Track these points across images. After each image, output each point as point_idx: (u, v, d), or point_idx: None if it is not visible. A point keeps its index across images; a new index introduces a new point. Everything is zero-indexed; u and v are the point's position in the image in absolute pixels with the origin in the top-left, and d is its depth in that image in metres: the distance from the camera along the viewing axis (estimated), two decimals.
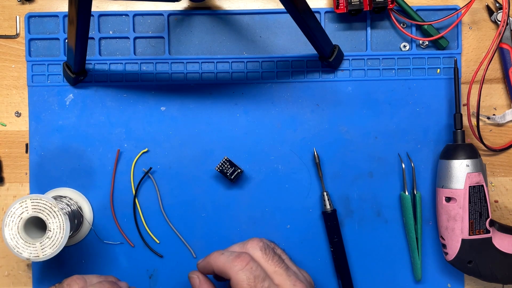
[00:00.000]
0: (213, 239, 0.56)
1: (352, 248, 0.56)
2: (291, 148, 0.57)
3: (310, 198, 0.56)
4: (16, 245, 0.48)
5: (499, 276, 0.52)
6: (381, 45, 0.57)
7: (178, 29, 0.57)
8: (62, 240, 0.48)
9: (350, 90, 0.57)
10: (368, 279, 0.56)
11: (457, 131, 0.53)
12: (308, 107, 0.57)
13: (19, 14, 0.57)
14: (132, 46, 0.57)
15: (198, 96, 0.57)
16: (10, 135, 0.57)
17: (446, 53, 0.56)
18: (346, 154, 0.56)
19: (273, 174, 0.56)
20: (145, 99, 0.57)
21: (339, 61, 0.56)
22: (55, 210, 0.48)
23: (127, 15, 0.57)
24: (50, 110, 0.57)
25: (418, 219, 0.55)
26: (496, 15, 0.56)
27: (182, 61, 0.57)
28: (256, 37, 0.57)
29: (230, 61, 0.57)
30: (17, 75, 0.57)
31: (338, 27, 0.57)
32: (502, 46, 0.56)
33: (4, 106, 0.57)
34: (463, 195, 0.51)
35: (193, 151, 0.57)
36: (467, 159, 0.51)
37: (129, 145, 0.57)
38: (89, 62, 0.57)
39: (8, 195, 0.57)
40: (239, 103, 0.57)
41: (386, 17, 0.57)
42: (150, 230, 0.56)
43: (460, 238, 0.52)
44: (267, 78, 0.57)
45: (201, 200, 0.56)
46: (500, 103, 0.57)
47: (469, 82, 0.56)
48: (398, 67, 0.57)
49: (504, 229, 0.52)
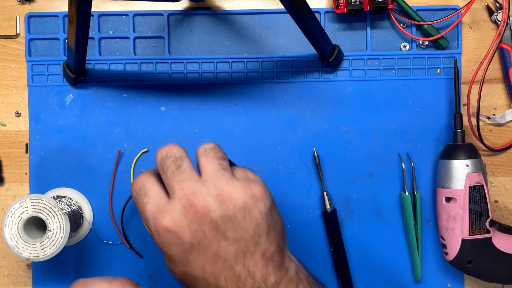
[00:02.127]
0: None
1: (352, 248, 0.56)
2: (291, 148, 0.56)
3: (310, 198, 0.56)
4: (16, 245, 0.48)
5: (499, 276, 0.52)
6: (381, 45, 0.57)
7: (178, 29, 0.57)
8: (62, 240, 0.48)
9: (350, 90, 0.57)
10: (368, 279, 0.56)
11: (457, 131, 0.53)
12: (308, 107, 0.57)
13: (19, 14, 0.57)
14: (132, 46, 0.57)
15: (198, 96, 0.57)
16: (10, 135, 0.57)
17: (446, 53, 0.56)
18: (346, 154, 0.56)
19: (273, 174, 0.56)
20: (145, 99, 0.57)
21: (339, 61, 0.56)
22: (55, 210, 0.48)
23: (127, 15, 0.57)
24: (50, 110, 0.57)
25: (418, 219, 0.55)
26: (496, 15, 0.56)
27: (182, 61, 0.57)
28: (256, 37, 0.57)
29: (230, 61, 0.57)
30: (17, 75, 0.57)
31: (338, 27, 0.57)
32: (502, 46, 0.56)
33: (4, 106, 0.57)
34: (463, 195, 0.51)
35: (193, 151, 0.56)
36: (467, 159, 0.51)
37: (129, 145, 0.57)
38: (89, 62, 0.57)
39: (8, 195, 0.57)
40: (239, 103, 0.57)
41: (386, 17, 0.57)
42: None
43: (460, 238, 0.52)
44: (267, 78, 0.57)
45: None
46: (500, 103, 0.57)
47: (469, 82, 0.56)
48: (398, 67, 0.57)
49: (504, 229, 0.52)
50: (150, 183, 0.39)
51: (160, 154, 0.40)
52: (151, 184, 0.39)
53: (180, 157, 0.39)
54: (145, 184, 0.39)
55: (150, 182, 0.39)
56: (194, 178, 0.38)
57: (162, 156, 0.39)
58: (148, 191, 0.39)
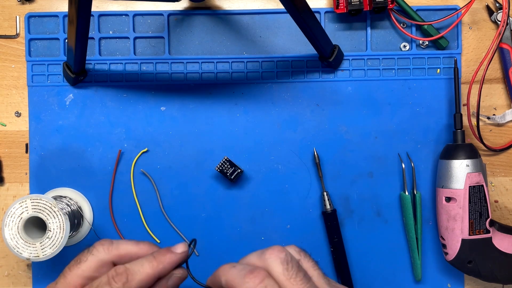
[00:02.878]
0: (213, 239, 0.56)
1: (352, 248, 0.56)
2: (291, 148, 0.56)
3: (310, 198, 0.56)
4: (16, 245, 0.48)
5: (499, 276, 0.52)
6: (381, 45, 0.57)
7: (178, 29, 0.57)
8: (62, 240, 0.48)
9: (350, 90, 0.57)
10: (368, 279, 0.56)
11: (457, 131, 0.53)
12: (308, 107, 0.57)
13: (19, 14, 0.57)
14: (132, 46, 0.57)
15: (198, 96, 0.57)
16: (10, 135, 0.57)
17: (446, 53, 0.56)
18: (346, 154, 0.56)
19: (273, 174, 0.56)
20: (145, 99, 0.57)
21: (339, 61, 0.56)
22: (55, 210, 0.48)
23: (127, 15, 0.57)
24: (50, 110, 0.57)
25: (418, 219, 0.55)
26: (496, 15, 0.56)
27: (182, 61, 0.57)
28: (256, 37, 0.57)
29: (230, 61, 0.57)
30: (17, 75, 0.57)
31: (338, 27, 0.57)
32: (502, 46, 0.56)
33: (4, 106, 0.57)
34: (463, 195, 0.51)
35: (193, 151, 0.57)
36: (467, 159, 0.51)
37: (129, 145, 0.57)
38: (89, 62, 0.57)
39: (8, 195, 0.57)
40: (239, 103, 0.57)
41: (386, 17, 0.57)
42: (150, 230, 0.56)
43: (460, 238, 0.52)
44: (267, 78, 0.57)
45: (201, 200, 0.56)
46: (500, 103, 0.57)
47: (469, 82, 0.56)
48: (398, 67, 0.57)
49: (504, 229, 0.52)
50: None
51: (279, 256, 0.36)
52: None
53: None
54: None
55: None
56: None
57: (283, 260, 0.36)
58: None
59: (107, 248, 0.39)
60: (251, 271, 0.35)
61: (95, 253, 0.38)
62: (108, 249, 0.39)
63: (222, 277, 0.37)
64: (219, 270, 0.38)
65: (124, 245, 0.39)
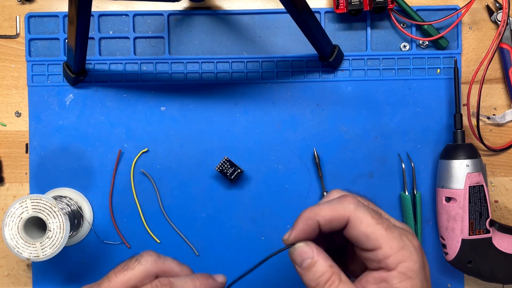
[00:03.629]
0: (213, 239, 0.56)
1: None
2: (291, 148, 0.57)
3: (310, 198, 0.56)
4: (16, 245, 0.48)
5: (499, 276, 0.52)
6: (381, 45, 0.57)
7: (178, 29, 0.57)
8: (62, 240, 0.48)
9: (350, 90, 0.57)
10: None
11: (457, 131, 0.53)
12: (308, 107, 0.57)
13: (19, 14, 0.57)
14: (132, 46, 0.57)
15: (198, 96, 0.57)
16: (10, 135, 0.57)
17: (446, 53, 0.56)
18: (346, 154, 0.56)
19: (273, 174, 0.56)
20: (145, 99, 0.57)
21: (339, 61, 0.56)
22: (55, 210, 0.48)
23: (127, 15, 0.57)
24: (50, 110, 0.57)
25: (418, 219, 0.55)
26: (496, 15, 0.56)
27: (182, 61, 0.57)
28: (256, 37, 0.57)
29: (230, 61, 0.57)
30: (17, 75, 0.57)
31: (338, 27, 0.57)
32: (502, 46, 0.56)
33: (4, 106, 0.57)
34: (463, 195, 0.51)
35: (193, 151, 0.57)
36: (467, 159, 0.51)
37: (129, 145, 0.57)
38: (89, 62, 0.57)
39: (8, 195, 0.57)
40: (239, 103, 0.57)
41: (386, 17, 0.57)
42: (150, 230, 0.56)
43: (460, 238, 0.52)
44: (267, 78, 0.57)
45: (201, 200, 0.56)
46: (500, 103, 0.57)
47: (469, 82, 0.56)
48: (398, 67, 0.57)
49: (504, 229, 0.52)
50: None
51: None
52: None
53: None
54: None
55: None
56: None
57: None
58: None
59: (155, 260, 0.39)
60: (345, 196, 0.39)
61: (143, 263, 0.38)
62: (156, 262, 0.39)
63: (318, 217, 0.38)
64: (303, 217, 0.38)
65: (169, 261, 0.40)
